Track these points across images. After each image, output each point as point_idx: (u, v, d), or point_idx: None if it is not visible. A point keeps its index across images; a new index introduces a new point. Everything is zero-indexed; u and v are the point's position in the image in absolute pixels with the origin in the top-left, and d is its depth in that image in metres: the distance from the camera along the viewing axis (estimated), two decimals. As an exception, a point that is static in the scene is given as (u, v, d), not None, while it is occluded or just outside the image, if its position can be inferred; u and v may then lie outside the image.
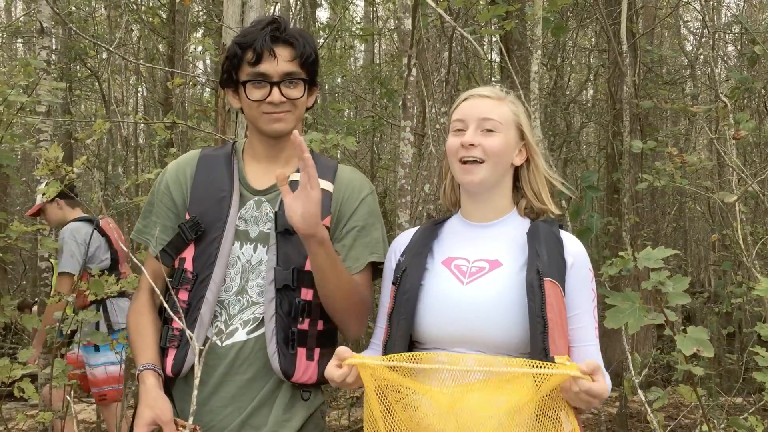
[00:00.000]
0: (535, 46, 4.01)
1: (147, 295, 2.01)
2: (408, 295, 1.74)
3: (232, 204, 1.93)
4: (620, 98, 6.46)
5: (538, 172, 1.88)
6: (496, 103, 1.84)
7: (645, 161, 7.62)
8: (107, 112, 8.58)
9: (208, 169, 2.00)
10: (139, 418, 1.76)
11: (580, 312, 1.75)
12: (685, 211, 11.05)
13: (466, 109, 1.84)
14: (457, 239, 1.86)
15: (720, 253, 9.51)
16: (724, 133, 4.79)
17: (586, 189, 4.39)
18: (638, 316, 1.75)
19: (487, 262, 1.77)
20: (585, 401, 1.50)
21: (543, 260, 1.71)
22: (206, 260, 1.89)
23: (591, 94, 11.45)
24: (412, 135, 3.10)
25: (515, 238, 1.81)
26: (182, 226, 1.93)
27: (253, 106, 1.93)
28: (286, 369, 1.85)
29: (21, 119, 3.34)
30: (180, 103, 8.53)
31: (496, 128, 1.80)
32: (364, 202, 2.01)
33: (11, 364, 2.53)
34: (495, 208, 1.86)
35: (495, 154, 1.79)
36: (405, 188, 3.09)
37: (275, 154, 2.00)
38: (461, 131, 1.83)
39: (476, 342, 1.69)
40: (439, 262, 1.81)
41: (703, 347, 1.75)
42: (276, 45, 1.90)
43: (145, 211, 2.06)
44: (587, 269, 1.79)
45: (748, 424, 2.69)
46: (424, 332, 1.74)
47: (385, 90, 8.94)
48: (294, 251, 1.88)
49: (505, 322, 1.67)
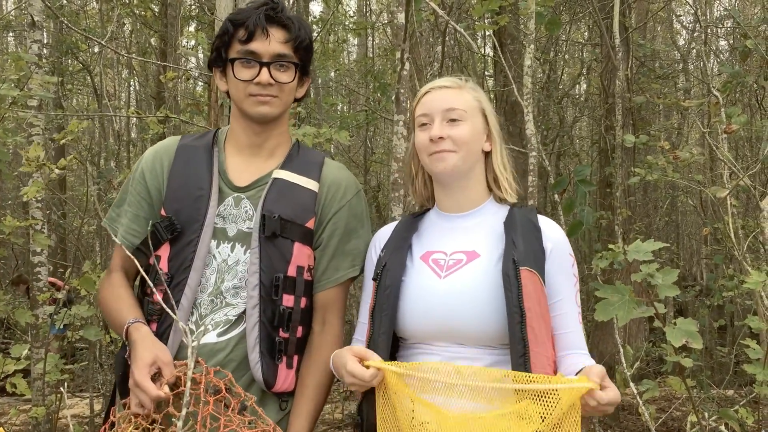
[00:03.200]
0: (528, 41, 4.02)
1: (121, 274, 1.94)
2: (389, 291, 1.74)
3: (210, 203, 1.85)
4: (613, 92, 6.47)
5: (498, 159, 1.87)
6: (457, 92, 1.83)
7: (637, 155, 7.64)
8: (99, 106, 8.54)
9: (187, 161, 1.92)
10: (139, 360, 1.67)
11: (562, 298, 1.76)
12: (678, 205, 11.09)
13: (428, 103, 1.83)
14: (435, 232, 1.86)
15: (712, 247, 9.55)
16: (716, 128, 4.81)
17: (579, 183, 4.40)
18: (628, 308, 1.77)
19: (464, 253, 1.77)
20: (602, 411, 1.51)
21: (519, 249, 1.70)
22: (182, 263, 1.83)
23: (584, 88, 11.46)
24: (405, 129, 3.10)
25: (493, 227, 1.81)
26: (157, 225, 1.85)
27: (240, 87, 1.86)
28: (268, 379, 1.81)
29: (13, 113, 3.32)
30: (172, 97, 8.49)
31: (462, 117, 1.80)
32: (348, 205, 1.94)
33: (4, 360, 2.52)
34: (469, 197, 1.85)
35: (464, 143, 1.79)
36: (398, 182, 3.09)
37: (259, 144, 1.93)
38: (427, 125, 1.82)
39: (456, 335, 1.69)
40: (418, 257, 1.81)
41: (692, 339, 1.76)
42: (270, 25, 1.85)
43: (119, 199, 1.99)
44: (567, 254, 1.79)
45: (739, 416, 2.71)
46: (406, 328, 1.74)
47: (378, 84, 8.92)
48: (277, 256, 1.83)
49: (482, 314, 1.67)
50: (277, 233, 1.83)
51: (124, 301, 1.87)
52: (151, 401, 1.62)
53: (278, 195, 1.88)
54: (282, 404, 1.87)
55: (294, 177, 1.91)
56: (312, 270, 1.92)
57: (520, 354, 1.60)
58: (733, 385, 6.16)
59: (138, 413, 1.64)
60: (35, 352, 4.03)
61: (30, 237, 4.33)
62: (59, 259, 9.85)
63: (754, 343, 2.59)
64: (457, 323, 1.69)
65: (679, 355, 2.06)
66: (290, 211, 1.87)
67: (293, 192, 1.90)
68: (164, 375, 1.66)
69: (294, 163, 1.94)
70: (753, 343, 2.59)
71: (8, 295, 6.70)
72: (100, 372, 6.42)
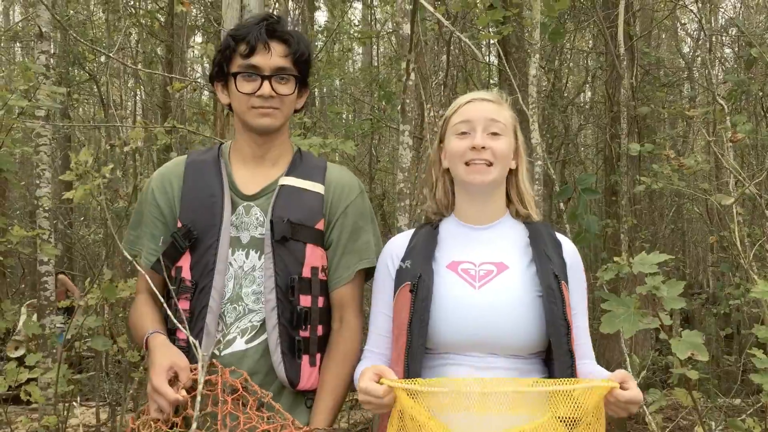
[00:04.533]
0: (533, 50, 4.03)
1: (146, 295, 2.00)
2: (425, 302, 1.73)
3: (225, 208, 1.91)
4: (618, 101, 6.48)
5: (523, 177, 1.90)
6: (498, 107, 1.86)
7: (642, 163, 7.64)
8: (106, 115, 8.58)
9: (197, 175, 1.98)
10: (157, 366, 1.72)
11: (577, 312, 1.80)
12: (683, 213, 11.06)
13: (471, 112, 1.84)
14: (458, 242, 1.86)
15: (718, 255, 9.53)
16: (722, 136, 4.81)
17: (582, 192, 4.40)
18: (633, 321, 1.77)
19: (493, 265, 1.78)
20: (624, 409, 1.55)
21: (555, 263, 1.74)
22: (204, 268, 1.88)
23: (589, 96, 11.47)
24: (411, 139, 3.11)
25: (515, 239, 1.83)
26: (175, 235, 1.91)
27: (243, 100, 1.92)
28: (292, 377, 1.86)
29: (21, 123, 3.35)
30: (179, 107, 8.52)
31: (503, 131, 1.82)
32: (353, 204, 2.00)
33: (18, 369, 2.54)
34: (493, 210, 1.87)
35: (503, 157, 1.82)
36: (404, 192, 3.10)
37: (262, 154, 1.99)
38: (466, 134, 1.82)
39: (491, 345, 1.70)
40: (444, 266, 1.80)
41: (697, 351, 1.77)
42: (271, 39, 1.90)
43: (133, 222, 2.05)
44: (581, 270, 1.84)
45: (746, 426, 2.70)
46: (436, 338, 1.73)
47: (383, 93, 8.94)
48: (291, 258, 1.88)
49: (519, 325, 1.69)
50: (288, 237, 1.88)
51: (147, 317, 1.94)
52: (170, 405, 1.66)
53: (286, 200, 1.93)
54: (308, 402, 1.92)
55: (300, 182, 1.98)
56: (326, 270, 1.97)
57: (568, 365, 1.64)
58: (740, 394, 6.14)
59: (157, 418, 1.67)
60: (42, 361, 4.05)
61: (37, 246, 4.35)
62: (66, 268, 9.87)
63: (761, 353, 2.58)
64: (494, 333, 1.69)
65: (685, 367, 2.06)
66: (299, 214, 1.92)
67: (300, 196, 1.95)
68: (181, 379, 1.70)
69: (298, 170, 2.01)
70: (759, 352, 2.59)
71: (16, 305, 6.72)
72: (107, 381, 6.44)
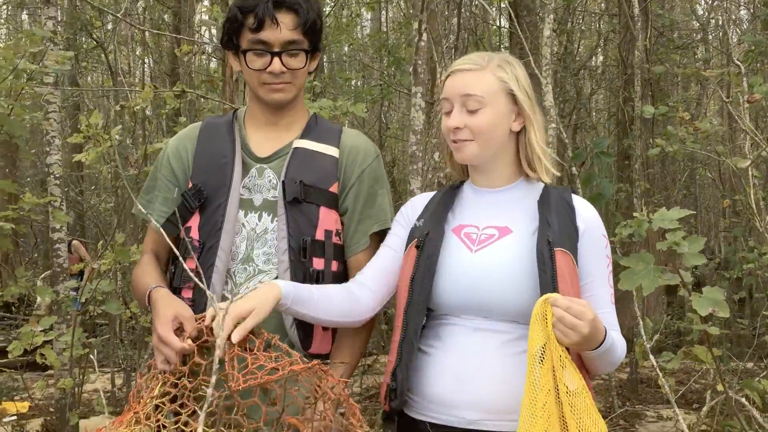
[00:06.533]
0: (547, 11, 3.96)
1: (151, 255, 1.99)
2: (429, 261, 1.74)
3: (235, 169, 1.90)
4: (631, 63, 6.38)
5: (530, 140, 1.81)
6: (477, 76, 1.76)
7: (656, 128, 7.56)
8: (114, 83, 8.54)
9: (210, 137, 1.98)
10: (161, 317, 1.68)
11: (593, 279, 1.74)
12: (696, 178, 10.99)
13: (449, 88, 1.79)
14: (469, 206, 1.85)
15: (730, 220, 9.46)
16: (737, 98, 4.73)
17: (598, 155, 4.36)
18: (653, 277, 1.73)
19: (496, 229, 1.76)
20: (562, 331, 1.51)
21: (554, 229, 1.70)
22: (212, 228, 1.86)
23: (600, 60, 11.32)
24: (423, 101, 3.07)
25: (526, 204, 1.79)
26: (185, 194, 1.90)
27: (253, 75, 1.90)
28: (304, 340, 1.85)
29: (30, 89, 3.32)
30: (187, 74, 8.47)
31: (481, 103, 1.74)
32: (369, 168, 1.98)
33: (32, 332, 2.54)
34: (501, 176, 1.83)
35: (483, 132, 1.74)
36: (417, 155, 3.07)
37: (276, 121, 1.98)
38: (448, 112, 1.79)
39: (486, 309, 1.69)
40: (450, 230, 1.80)
41: (718, 307, 1.74)
42: (278, 11, 1.85)
43: (147, 186, 2.04)
44: (601, 235, 1.77)
45: (761, 387, 2.69)
46: (437, 299, 1.74)
47: (392, 58, 8.86)
48: (304, 220, 1.87)
49: (510, 290, 1.67)
50: (300, 199, 1.86)
51: (150, 275, 1.91)
52: (176, 355, 1.63)
53: (300, 162, 1.91)
54: None
55: (314, 145, 1.95)
56: (340, 234, 1.95)
57: None
58: (753, 357, 6.13)
59: (164, 370, 1.64)
60: (56, 327, 4.07)
61: (49, 214, 4.35)
62: (78, 236, 9.92)
63: (777, 315, 2.56)
64: (485, 296, 1.68)
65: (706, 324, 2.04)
66: (313, 176, 1.90)
67: (314, 159, 1.93)
68: (186, 329, 1.67)
69: (313, 133, 1.98)
70: (775, 314, 2.56)
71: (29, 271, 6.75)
72: (121, 348, 6.50)
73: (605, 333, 1.60)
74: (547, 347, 1.51)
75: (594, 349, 1.60)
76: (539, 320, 1.52)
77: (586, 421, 1.50)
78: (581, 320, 1.51)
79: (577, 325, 1.51)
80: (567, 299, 1.54)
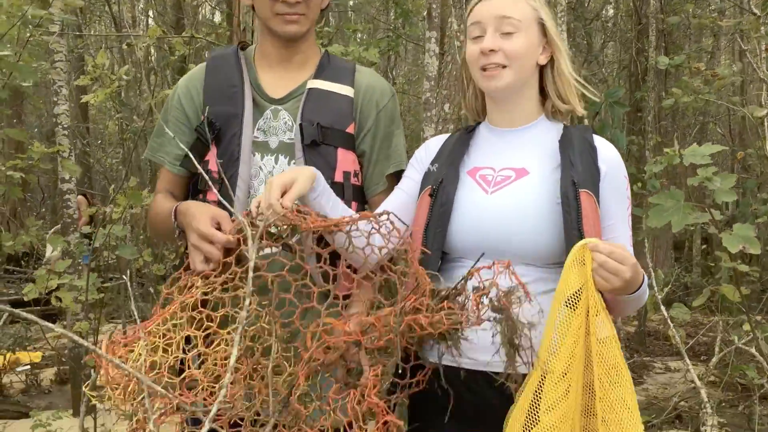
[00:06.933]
0: (562, -45, 3.86)
1: (165, 194, 1.96)
2: (444, 207, 1.71)
3: (246, 97, 1.87)
4: (645, 13, 6.27)
5: (561, 70, 1.76)
6: (513, 1, 1.72)
7: (668, 80, 7.46)
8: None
9: (217, 69, 1.95)
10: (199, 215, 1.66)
11: (615, 221, 1.71)
12: (707, 133, 10.89)
13: (481, 11, 1.72)
14: (485, 147, 1.81)
15: (740, 175, 9.42)
16: (754, 47, 4.65)
17: (612, 105, 4.30)
18: (683, 213, 1.69)
19: (513, 170, 1.73)
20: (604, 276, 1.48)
21: (577, 170, 1.66)
22: (230, 157, 1.84)
23: (611, 13, 11.12)
24: (437, 46, 3.01)
25: (545, 144, 1.75)
26: (199, 128, 1.87)
27: (266, 5, 1.85)
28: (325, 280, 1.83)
29: (37, 36, 3.27)
30: (192, 26, 8.35)
31: (517, 27, 1.69)
32: (385, 109, 1.95)
33: (47, 275, 2.54)
34: (522, 112, 1.78)
35: (518, 57, 1.69)
36: (430, 101, 3.02)
37: (288, 57, 1.94)
38: (479, 37, 1.72)
39: (501, 252, 1.65)
40: (465, 173, 1.77)
41: (749, 244, 1.70)
42: None
43: (158, 129, 2.01)
44: (623, 177, 1.74)
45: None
46: (451, 243, 1.72)
47: (400, 10, 8.69)
48: (322, 162, 1.84)
49: (530, 233, 1.64)
50: (318, 141, 1.84)
51: (170, 202, 1.88)
52: (220, 249, 1.60)
53: (315, 104, 1.88)
54: None
55: (328, 85, 1.92)
56: (359, 175, 1.93)
57: None
58: (763, 311, 6.14)
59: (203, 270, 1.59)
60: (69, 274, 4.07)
61: (58, 164, 4.33)
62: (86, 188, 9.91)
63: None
64: (503, 240, 1.66)
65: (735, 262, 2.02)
66: (329, 118, 1.88)
67: (330, 99, 1.90)
68: (224, 228, 1.64)
69: (326, 72, 1.95)
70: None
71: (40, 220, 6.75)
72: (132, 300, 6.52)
73: (643, 276, 1.58)
74: (583, 293, 1.48)
75: (632, 293, 1.58)
76: (576, 265, 1.48)
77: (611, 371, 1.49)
78: (624, 265, 1.49)
79: (620, 270, 1.48)
80: (609, 244, 1.51)
